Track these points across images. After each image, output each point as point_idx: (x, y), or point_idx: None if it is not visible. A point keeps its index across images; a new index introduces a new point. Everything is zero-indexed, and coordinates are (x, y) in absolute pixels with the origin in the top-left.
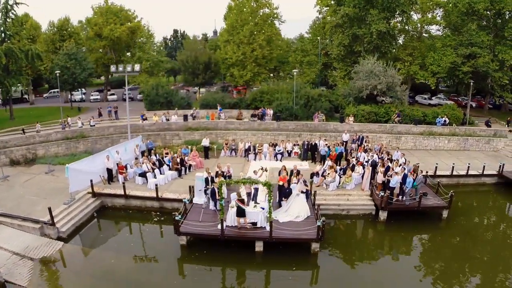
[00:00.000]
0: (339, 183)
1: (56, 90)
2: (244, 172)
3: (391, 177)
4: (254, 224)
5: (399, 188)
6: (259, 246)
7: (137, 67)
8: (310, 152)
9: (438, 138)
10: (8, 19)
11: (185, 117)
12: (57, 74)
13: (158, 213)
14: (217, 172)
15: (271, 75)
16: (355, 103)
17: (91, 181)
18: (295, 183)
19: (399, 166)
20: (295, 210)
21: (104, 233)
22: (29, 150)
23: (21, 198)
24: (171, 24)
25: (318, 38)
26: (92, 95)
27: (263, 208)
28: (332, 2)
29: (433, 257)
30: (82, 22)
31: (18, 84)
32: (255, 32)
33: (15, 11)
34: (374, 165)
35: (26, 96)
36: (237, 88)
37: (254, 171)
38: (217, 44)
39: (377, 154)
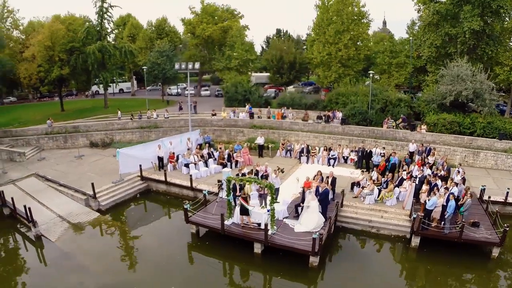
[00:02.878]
0: (378, 197)
1: (158, 83)
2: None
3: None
4: (259, 225)
5: (440, 212)
6: (257, 248)
7: (196, 65)
8: (364, 160)
9: None
10: (104, 20)
11: (251, 115)
12: (144, 69)
13: (190, 201)
14: (252, 170)
15: (363, 76)
16: (438, 110)
17: (140, 166)
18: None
19: (454, 186)
20: (309, 222)
21: (138, 212)
22: (107, 135)
23: (83, 174)
24: (276, 23)
25: (410, 38)
26: (186, 90)
27: (269, 210)
28: None
29: None
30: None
31: (117, 78)
32: (341, 31)
33: (110, 13)
34: (422, 182)
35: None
36: (326, 90)
37: (297, 178)
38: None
39: (437, 170)
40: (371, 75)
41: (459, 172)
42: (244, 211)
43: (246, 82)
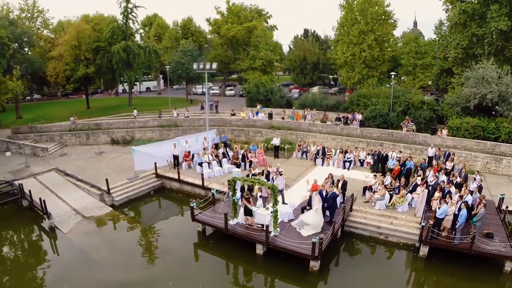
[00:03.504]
0: (389, 203)
1: (181, 83)
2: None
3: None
4: (263, 226)
5: (451, 221)
6: (259, 249)
7: (214, 65)
8: (380, 164)
9: None
10: (128, 20)
11: (270, 115)
12: (167, 69)
13: (200, 200)
14: (262, 171)
15: (388, 78)
16: (462, 114)
17: (155, 163)
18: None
19: (469, 194)
20: (316, 223)
21: (150, 208)
22: (128, 133)
23: (101, 170)
24: (304, 23)
25: (437, 38)
26: (212, 89)
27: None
28: None
29: None
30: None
31: (141, 77)
32: (365, 31)
33: (135, 13)
34: (435, 188)
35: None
36: (350, 91)
37: (307, 181)
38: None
39: (453, 177)
40: (393, 76)
41: (475, 179)
42: (248, 212)
43: (268, 82)
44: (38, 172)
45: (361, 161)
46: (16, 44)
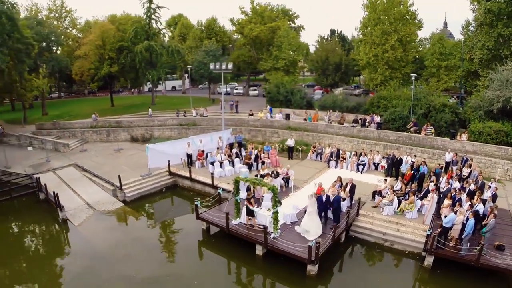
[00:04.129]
0: (398, 209)
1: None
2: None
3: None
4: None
5: (459, 230)
6: (259, 250)
7: (230, 65)
8: (394, 168)
9: None
10: (152, 21)
11: (287, 116)
12: (188, 68)
13: (211, 198)
14: (272, 172)
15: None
16: (485, 118)
17: (168, 161)
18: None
19: (480, 202)
20: (314, 227)
21: (161, 205)
22: (147, 131)
23: (117, 166)
24: (331, 23)
25: (462, 39)
26: (236, 89)
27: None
28: None
29: None
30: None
31: (163, 76)
32: (388, 32)
33: (158, 13)
34: (446, 195)
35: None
36: (373, 93)
37: (315, 183)
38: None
39: (466, 183)
40: (413, 78)
41: (490, 187)
42: (250, 212)
43: (289, 83)
44: (58, 167)
45: (376, 164)
46: (44, 43)
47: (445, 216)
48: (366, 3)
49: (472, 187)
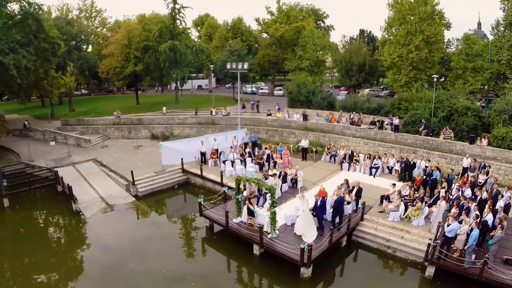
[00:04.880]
0: (404, 215)
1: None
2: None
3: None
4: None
5: (463, 241)
6: (256, 250)
7: (245, 65)
8: (407, 173)
9: None
10: (176, 21)
11: (305, 117)
12: (211, 68)
13: (220, 196)
14: (280, 172)
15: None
16: (510, 122)
17: (182, 159)
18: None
19: (489, 212)
20: (308, 229)
21: (171, 201)
22: (167, 129)
23: (134, 163)
24: (360, 23)
25: (490, 39)
26: (261, 89)
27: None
28: None
29: None
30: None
31: (187, 75)
32: (413, 32)
33: (182, 13)
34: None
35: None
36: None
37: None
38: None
39: (478, 191)
40: (435, 79)
41: (502, 196)
42: (250, 212)
43: (311, 83)
44: (78, 161)
45: (390, 168)
46: (73, 42)
47: (448, 225)
48: (391, 2)
49: (485, 195)
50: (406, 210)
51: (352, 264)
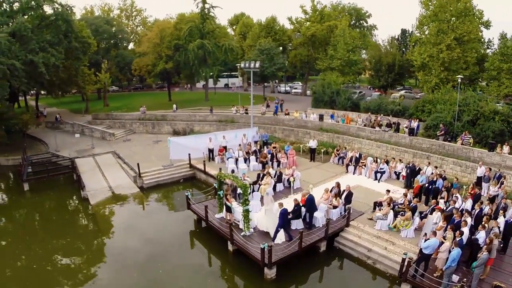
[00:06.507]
0: (392, 224)
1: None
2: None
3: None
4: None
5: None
6: (230, 246)
7: (257, 63)
8: (412, 179)
9: None
10: (206, 20)
11: (321, 117)
12: (238, 67)
13: (208, 192)
14: (277, 173)
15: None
16: None
17: (189, 154)
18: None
19: (482, 230)
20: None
21: (173, 194)
22: (188, 125)
23: (148, 156)
24: (401, 23)
25: None
26: (295, 88)
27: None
28: None
29: None
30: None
31: (215, 73)
32: (445, 29)
33: (212, 12)
34: (450, 215)
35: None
36: None
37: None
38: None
39: (480, 204)
40: (459, 80)
41: (505, 211)
42: (228, 208)
43: (337, 83)
44: (98, 153)
45: (397, 173)
46: (112, 41)
47: (425, 241)
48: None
49: (486, 209)
50: (395, 219)
51: (326, 270)
